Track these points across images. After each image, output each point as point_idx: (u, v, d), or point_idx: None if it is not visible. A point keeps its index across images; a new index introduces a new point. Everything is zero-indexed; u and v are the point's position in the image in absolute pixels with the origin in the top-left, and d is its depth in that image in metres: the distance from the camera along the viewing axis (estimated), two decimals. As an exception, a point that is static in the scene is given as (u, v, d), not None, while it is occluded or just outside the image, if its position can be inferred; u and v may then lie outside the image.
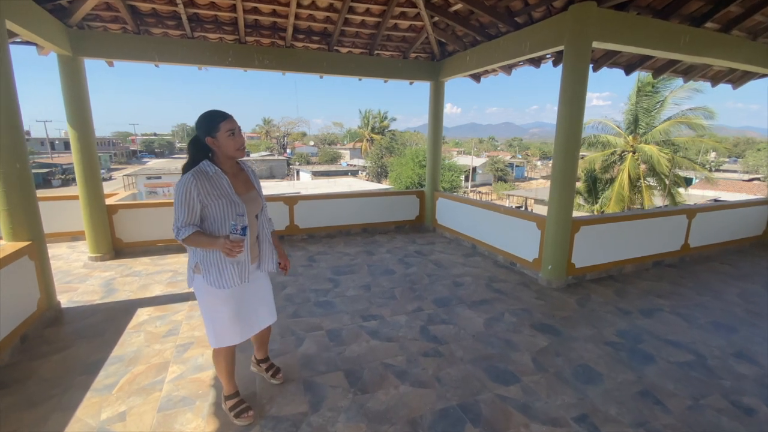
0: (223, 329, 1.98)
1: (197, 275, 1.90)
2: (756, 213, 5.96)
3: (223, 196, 1.82)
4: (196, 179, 1.76)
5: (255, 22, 5.11)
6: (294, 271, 4.63)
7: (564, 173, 4.07)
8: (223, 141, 1.80)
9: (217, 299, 1.91)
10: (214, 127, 1.79)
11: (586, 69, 3.84)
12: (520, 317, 3.54)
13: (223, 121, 1.80)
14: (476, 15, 4.99)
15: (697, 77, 6.04)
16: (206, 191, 1.77)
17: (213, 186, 1.80)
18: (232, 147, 1.82)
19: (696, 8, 4.32)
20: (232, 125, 1.81)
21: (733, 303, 3.94)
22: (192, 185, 1.74)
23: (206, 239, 1.77)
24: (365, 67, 5.99)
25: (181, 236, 1.75)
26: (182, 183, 1.75)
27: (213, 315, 1.95)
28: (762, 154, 42.16)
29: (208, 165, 1.83)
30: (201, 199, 1.77)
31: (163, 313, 3.52)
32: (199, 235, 1.77)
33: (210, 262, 1.86)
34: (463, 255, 5.48)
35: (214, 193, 1.79)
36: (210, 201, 1.79)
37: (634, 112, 16.15)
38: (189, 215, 1.76)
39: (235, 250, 1.69)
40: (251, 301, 2.07)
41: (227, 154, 1.83)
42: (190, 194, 1.74)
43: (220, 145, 1.81)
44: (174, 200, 1.77)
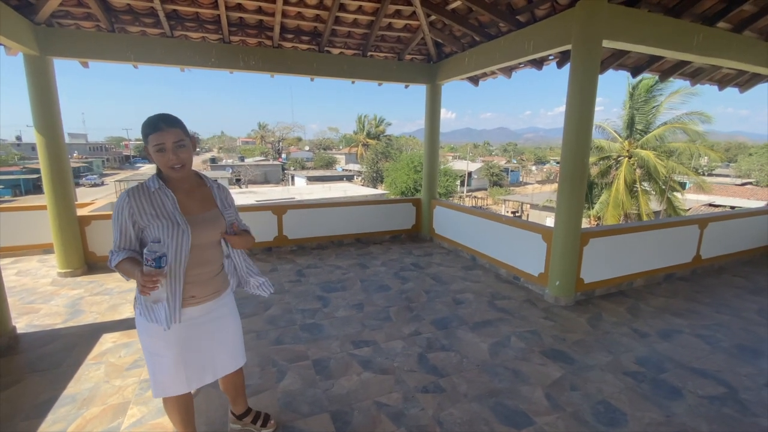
0: (164, 376, 1.63)
1: (137, 309, 1.60)
2: (766, 222, 5.70)
3: (164, 216, 1.52)
4: (131, 198, 1.51)
5: (240, 20, 4.79)
6: (280, 289, 4.27)
7: (572, 182, 3.76)
8: (153, 155, 1.51)
9: (158, 339, 1.58)
10: (145, 138, 1.49)
11: (596, 69, 3.55)
12: (529, 342, 3.21)
13: (152, 134, 1.46)
14: (475, 13, 4.71)
15: (705, 80, 5.81)
16: (142, 210, 1.51)
17: (153, 205, 1.53)
18: (162, 164, 1.52)
19: (709, 6, 4.07)
20: (160, 140, 1.47)
21: (754, 322, 3.65)
22: (124, 204, 1.50)
23: (131, 269, 1.45)
24: (358, 69, 5.69)
25: (113, 263, 1.50)
26: (117, 202, 1.52)
27: (152, 358, 1.63)
28: (754, 158, 42.48)
29: (152, 180, 1.56)
30: (135, 220, 1.51)
31: (131, 340, 3.14)
32: (127, 262, 1.48)
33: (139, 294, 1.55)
34: (462, 268, 5.15)
35: (152, 212, 1.51)
36: (148, 222, 1.51)
37: (630, 116, 16.03)
38: (121, 239, 1.52)
39: (147, 287, 1.35)
40: (204, 344, 1.70)
41: (161, 167, 1.54)
42: (121, 215, 1.50)
43: (153, 157, 1.52)
44: (112, 221, 1.54)
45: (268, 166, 46.67)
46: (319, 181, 36.77)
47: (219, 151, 77.24)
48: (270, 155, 58.81)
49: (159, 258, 1.36)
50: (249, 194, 23.23)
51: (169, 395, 1.68)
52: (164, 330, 1.55)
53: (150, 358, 1.63)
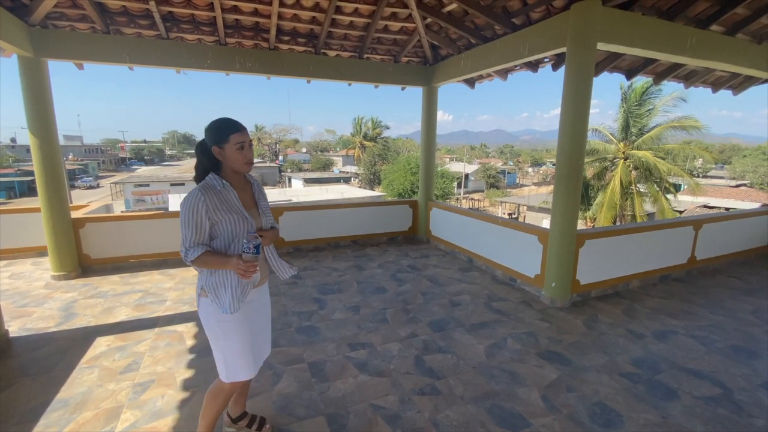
0: (234, 360, 1.76)
1: (204, 299, 1.71)
2: (761, 223, 5.74)
3: (233, 211, 1.66)
4: (204, 195, 1.60)
5: (236, 22, 4.79)
6: (276, 291, 4.25)
7: (568, 183, 3.78)
8: (231, 154, 1.65)
9: (228, 324, 1.71)
10: (224, 138, 1.64)
11: (591, 71, 3.57)
12: (525, 343, 3.21)
13: (235, 133, 1.64)
14: (471, 16, 4.73)
15: (699, 83, 5.85)
16: (215, 207, 1.62)
17: (222, 201, 1.64)
18: (240, 161, 1.67)
19: (702, 9, 4.11)
20: (243, 138, 1.65)
21: (748, 322, 3.67)
22: (200, 202, 1.58)
23: (217, 259, 1.62)
24: (354, 71, 5.69)
25: (190, 258, 1.60)
26: (189, 200, 1.59)
27: (223, 344, 1.74)
28: (748, 160, 42.84)
29: (214, 179, 1.67)
30: (210, 216, 1.61)
31: (125, 343, 3.12)
32: (209, 255, 1.62)
33: (216, 283, 1.67)
34: (459, 269, 5.15)
35: (223, 208, 1.64)
36: (220, 217, 1.63)
37: (625, 119, 16.14)
38: (197, 234, 1.61)
39: (250, 271, 1.56)
40: (257, 328, 1.87)
41: (233, 167, 1.69)
42: (197, 212, 1.58)
43: (227, 158, 1.66)
44: (181, 219, 1.60)
45: (265, 168, 46.56)
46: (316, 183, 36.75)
47: (216, 153, 76.84)
48: (267, 157, 58.72)
49: (258, 245, 1.56)
50: (246, 196, 23.09)
51: (241, 380, 1.78)
52: (232, 314, 1.67)
53: (219, 344, 1.74)
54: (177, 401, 2.41)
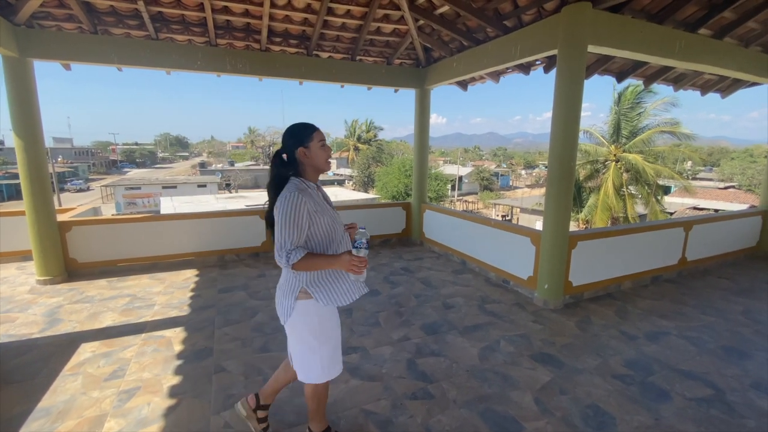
0: (331, 357, 1.79)
1: (303, 302, 1.70)
2: (750, 224, 5.81)
3: (325, 212, 1.70)
4: (305, 197, 1.60)
5: (227, 23, 4.74)
6: (267, 294, 4.20)
7: (560, 185, 3.78)
8: (315, 151, 1.70)
9: (329, 322, 1.76)
10: (308, 137, 1.69)
11: (581, 74, 3.59)
12: (518, 345, 3.19)
13: (315, 131, 1.71)
14: (463, 18, 4.74)
15: (688, 86, 5.92)
16: (312, 208, 1.63)
17: (314, 202, 1.66)
18: (323, 158, 1.72)
19: (690, 13, 4.15)
20: (322, 136, 1.73)
21: (739, 323, 3.69)
22: (302, 203, 1.58)
23: (323, 260, 1.63)
24: (347, 73, 5.67)
25: (293, 260, 1.56)
26: (290, 201, 1.57)
27: (322, 343, 1.75)
28: (736, 162, 43.54)
29: (301, 181, 1.68)
30: (311, 217, 1.62)
31: (110, 349, 3.04)
32: (312, 256, 1.61)
33: (324, 280, 1.72)
34: (452, 272, 5.13)
35: (317, 209, 1.66)
36: (316, 218, 1.65)
37: (616, 121, 16.33)
38: (299, 236, 1.60)
39: (362, 266, 1.59)
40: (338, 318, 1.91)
41: (317, 165, 1.72)
42: (300, 213, 1.58)
43: (311, 156, 1.70)
44: (282, 222, 1.57)
45: (259, 170, 46.33)
46: (309, 185, 36.51)
47: (209, 156, 76.51)
48: (260, 160, 58.45)
49: (367, 241, 1.62)
50: (239, 199, 22.98)
51: (331, 377, 1.82)
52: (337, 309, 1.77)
53: (318, 344, 1.74)
54: (163, 408, 2.35)
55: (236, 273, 4.92)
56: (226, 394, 2.49)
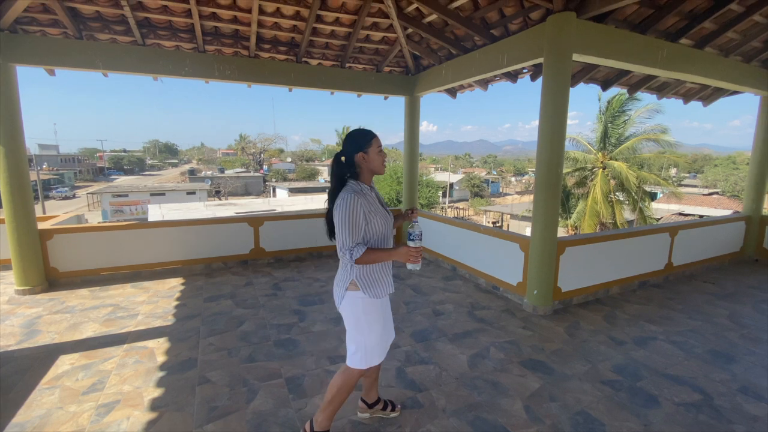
0: (374, 346, 1.94)
1: (352, 292, 1.88)
2: (733, 229, 5.93)
3: (378, 212, 1.85)
4: (361, 199, 1.77)
5: (215, 29, 4.72)
6: (255, 303, 4.12)
7: (547, 191, 3.81)
8: (374, 156, 1.86)
9: (376, 313, 1.92)
10: (368, 143, 1.86)
11: (567, 81, 3.64)
12: (508, 352, 3.18)
13: (374, 138, 1.88)
14: (451, 27, 4.80)
15: (670, 94, 6.06)
16: (368, 209, 1.80)
17: (370, 203, 1.82)
18: (380, 162, 1.88)
19: (672, 24, 4.26)
20: (380, 142, 1.90)
21: (725, 327, 3.73)
22: (358, 204, 1.75)
23: (383, 253, 1.80)
24: (336, 80, 5.68)
25: (356, 256, 1.74)
26: (347, 203, 1.74)
27: (368, 331, 1.92)
28: (719, 169, 44.61)
29: (356, 184, 1.84)
30: (366, 216, 1.78)
31: (90, 361, 2.94)
32: (372, 251, 1.78)
33: (370, 274, 1.88)
34: (442, 278, 5.12)
35: (372, 209, 1.82)
36: (371, 218, 1.81)
37: (603, 129, 16.64)
38: (358, 234, 1.77)
39: (419, 256, 1.75)
40: (388, 312, 2.06)
41: (373, 169, 1.88)
42: (357, 213, 1.75)
43: (370, 160, 1.86)
44: (341, 222, 1.75)
45: (249, 177, 46.03)
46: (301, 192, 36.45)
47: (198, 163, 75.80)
48: (251, 167, 58.09)
49: (421, 233, 1.79)
50: (229, 206, 22.75)
51: (375, 364, 1.97)
52: (381, 301, 1.92)
53: (364, 332, 1.91)
54: (144, 423, 2.27)
55: (223, 281, 4.83)
56: (209, 406, 2.42)
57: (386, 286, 1.95)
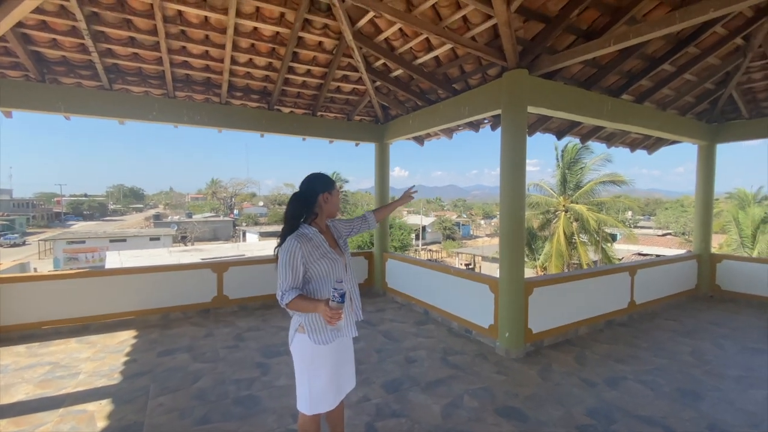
0: (319, 392, 1.88)
1: (300, 335, 1.87)
2: (687, 267, 6.26)
3: (324, 256, 1.86)
4: (300, 242, 1.79)
5: (186, 76, 4.80)
6: (214, 356, 3.83)
7: (511, 234, 3.92)
8: (335, 198, 1.99)
9: (320, 358, 1.87)
10: (332, 184, 2.00)
11: (523, 131, 3.90)
12: (482, 399, 3.07)
13: (335, 182, 2.02)
14: (416, 81, 5.12)
15: (618, 143, 6.61)
16: (308, 253, 1.81)
17: (314, 247, 1.84)
18: (336, 208, 2.02)
19: (613, 81, 4.75)
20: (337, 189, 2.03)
21: (689, 364, 3.80)
22: (296, 248, 1.78)
23: (308, 303, 1.78)
24: (308, 127, 5.82)
25: (285, 301, 1.76)
26: (286, 248, 1.79)
27: (312, 376, 1.87)
28: (669, 212, 48.00)
29: (306, 228, 1.88)
30: (304, 262, 1.80)
31: (18, 429, 2.58)
32: (301, 299, 1.78)
33: (316, 319, 1.85)
34: (415, 323, 5.01)
35: (316, 253, 1.84)
36: (313, 262, 1.82)
37: (562, 175, 17.75)
38: (293, 279, 1.79)
39: (335, 318, 1.68)
40: (345, 358, 2.00)
41: (332, 210, 2.00)
42: (294, 258, 1.77)
43: (332, 202, 1.98)
44: (280, 264, 1.79)
45: (218, 222, 44.87)
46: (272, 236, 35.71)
47: (165, 208, 73.36)
48: (221, 211, 56.84)
49: (343, 294, 1.67)
50: (194, 252, 21.83)
51: (322, 411, 1.89)
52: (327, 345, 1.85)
53: (308, 377, 1.87)
54: (71, 504, 1.96)
55: (180, 333, 4.50)
56: (153, 479, 2.14)
57: (334, 332, 1.88)
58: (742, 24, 4.33)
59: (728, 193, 25.69)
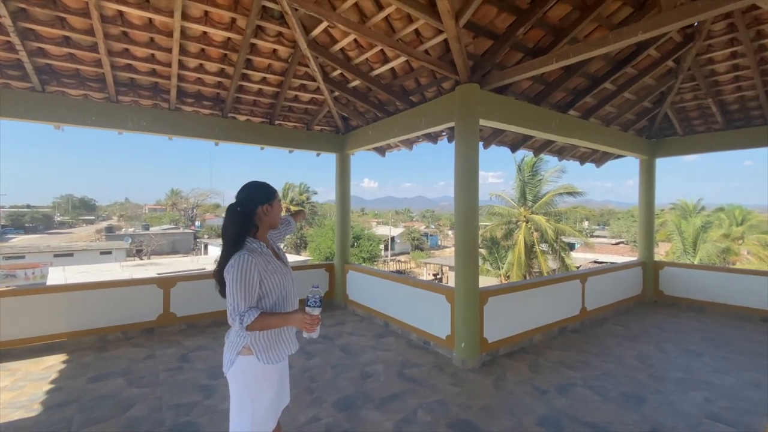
0: (262, 416, 1.75)
1: (244, 357, 1.71)
2: (634, 274, 6.60)
3: (275, 270, 1.75)
4: (255, 259, 1.65)
5: (131, 80, 4.54)
6: (153, 380, 3.55)
7: (466, 243, 3.96)
8: (277, 209, 1.85)
9: (270, 379, 1.76)
10: (272, 195, 1.83)
11: (476, 142, 3.98)
12: (435, 413, 3.02)
13: (275, 191, 1.86)
14: (374, 92, 5.13)
15: (569, 157, 6.93)
16: (263, 268, 1.70)
17: (265, 261, 1.72)
18: (279, 215, 1.88)
19: (561, 98, 4.98)
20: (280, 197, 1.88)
21: (634, 368, 3.95)
22: (252, 265, 1.64)
23: (277, 318, 1.67)
24: (266, 136, 5.66)
25: (247, 322, 1.60)
26: (240, 264, 1.62)
27: (255, 400, 1.73)
28: (621, 222, 51.13)
29: (253, 242, 1.74)
30: (261, 277, 1.68)
31: None
32: (266, 316, 1.65)
33: (268, 337, 1.74)
34: (374, 336, 4.91)
35: (268, 268, 1.72)
36: (266, 277, 1.70)
37: (522, 187, 18.47)
38: (251, 298, 1.64)
39: (315, 324, 1.62)
40: (284, 373, 1.88)
41: (273, 222, 1.85)
42: (250, 275, 1.63)
43: (273, 213, 1.83)
44: (232, 285, 1.61)
45: (178, 234, 42.77)
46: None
47: (120, 219, 69.06)
48: (181, 223, 54.29)
49: (320, 298, 1.62)
50: (150, 266, 20.58)
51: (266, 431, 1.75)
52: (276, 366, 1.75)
53: (251, 400, 1.72)
54: None
55: (118, 355, 4.14)
56: None
57: (286, 348, 1.81)
58: (673, 48, 4.70)
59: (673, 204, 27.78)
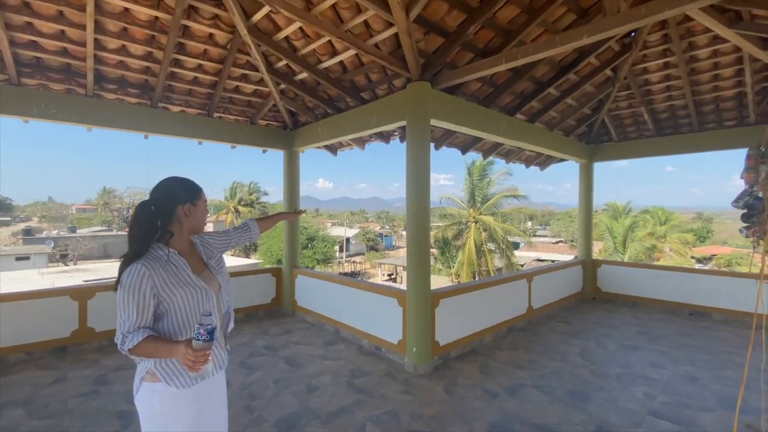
0: None
1: (149, 384, 1.44)
2: (575, 272, 6.93)
3: (184, 284, 1.46)
4: (149, 269, 1.39)
5: (36, 60, 3.91)
6: (60, 408, 3.03)
7: (417, 244, 3.86)
8: (201, 210, 1.60)
9: (172, 413, 1.45)
10: (197, 194, 1.58)
11: (427, 142, 3.89)
12: (385, 426, 2.85)
13: (202, 190, 1.61)
14: (324, 87, 4.89)
15: (515, 160, 7.15)
16: (163, 282, 1.41)
17: (170, 273, 1.44)
18: (203, 221, 1.61)
19: (509, 101, 5.07)
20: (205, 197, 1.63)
21: (578, 365, 4.07)
22: (144, 278, 1.37)
23: (161, 347, 1.37)
24: (204, 129, 5.19)
25: (128, 345, 1.34)
26: (129, 276, 1.36)
27: None
28: (561, 222, 54.93)
29: (158, 248, 1.46)
30: (157, 294, 1.40)
31: None
32: (151, 341, 1.37)
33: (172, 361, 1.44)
34: (323, 344, 4.66)
35: (172, 282, 1.44)
36: (168, 293, 1.42)
37: (471, 189, 19.07)
38: (140, 317, 1.37)
39: (200, 362, 1.28)
40: (213, 407, 1.60)
41: (196, 226, 1.59)
42: (140, 290, 1.36)
43: (196, 215, 1.57)
44: (118, 300, 1.37)
45: (110, 237, 39.11)
46: (177, 253, 32.10)
47: (41, 221, 61.72)
48: (115, 224, 49.69)
49: (212, 330, 1.28)
50: (77, 273, 18.54)
51: None
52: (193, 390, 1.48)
53: None
54: None
55: (19, 380, 3.52)
56: None
57: (208, 367, 1.47)
58: (611, 56, 4.96)
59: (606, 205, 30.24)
